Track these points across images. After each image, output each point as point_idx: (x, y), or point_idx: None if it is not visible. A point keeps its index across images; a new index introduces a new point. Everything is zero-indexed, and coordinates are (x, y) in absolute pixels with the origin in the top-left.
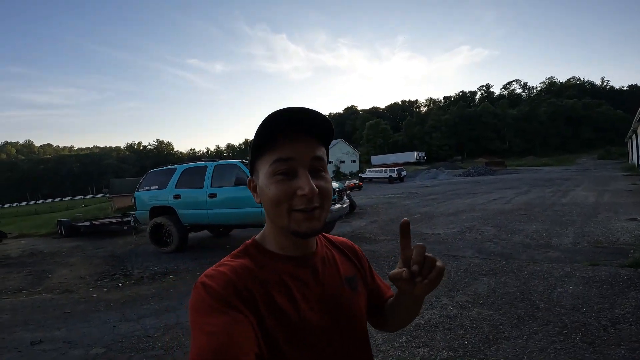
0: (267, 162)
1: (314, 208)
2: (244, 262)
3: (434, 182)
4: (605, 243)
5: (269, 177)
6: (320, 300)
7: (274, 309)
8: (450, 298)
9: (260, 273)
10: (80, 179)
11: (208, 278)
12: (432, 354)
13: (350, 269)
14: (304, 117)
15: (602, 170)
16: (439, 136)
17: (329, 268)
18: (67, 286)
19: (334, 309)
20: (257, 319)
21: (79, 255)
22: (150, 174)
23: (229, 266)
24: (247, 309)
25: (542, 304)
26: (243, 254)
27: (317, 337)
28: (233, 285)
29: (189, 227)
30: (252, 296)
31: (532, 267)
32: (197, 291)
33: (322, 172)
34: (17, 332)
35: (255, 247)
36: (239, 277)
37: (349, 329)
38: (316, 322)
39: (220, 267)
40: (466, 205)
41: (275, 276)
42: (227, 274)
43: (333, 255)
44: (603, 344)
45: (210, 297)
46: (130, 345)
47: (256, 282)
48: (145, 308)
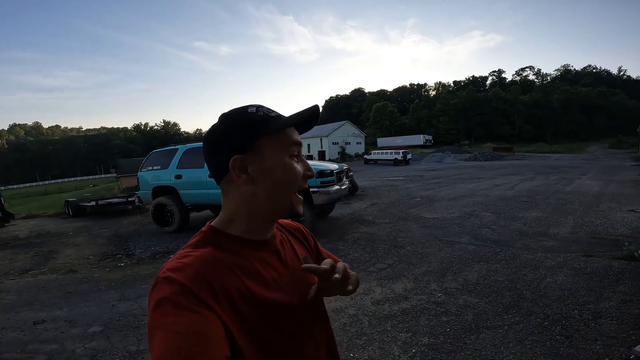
0: (285, 143)
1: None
2: (209, 250)
3: (439, 166)
4: (602, 234)
5: (289, 158)
6: (288, 281)
7: (248, 295)
8: (439, 284)
9: (228, 260)
10: (89, 159)
11: (172, 272)
12: (414, 340)
13: (302, 249)
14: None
15: (612, 160)
16: (447, 120)
17: (288, 250)
18: (71, 266)
19: (300, 288)
20: (231, 310)
21: (84, 235)
22: (153, 154)
23: (193, 257)
24: (219, 303)
25: (529, 294)
26: (204, 243)
27: (288, 318)
28: (203, 278)
29: (191, 207)
30: (224, 286)
31: (525, 256)
32: (161, 286)
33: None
34: (21, 312)
35: (214, 234)
36: (207, 268)
37: (312, 307)
38: (286, 303)
39: (184, 259)
40: (468, 190)
41: (245, 262)
42: (194, 265)
43: (287, 238)
44: (580, 337)
45: (176, 293)
46: (127, 324)
47: (227, 270)
48: (144, 287)
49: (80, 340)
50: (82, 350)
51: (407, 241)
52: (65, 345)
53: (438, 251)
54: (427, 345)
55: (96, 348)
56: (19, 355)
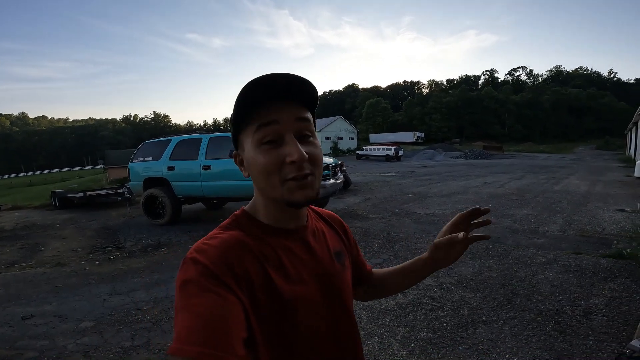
0: (251, 131)
1: (305, 175)
2: (236, 234)
3: (430, 163)
4: (591, 232)
5: (255, 148)
6: (312, 274)
7: (268, 285)
8: (434, 279)
9: (254, 246)
10: (76, 150)
11: (198, 253)
12: (413, 334)
13: (338, 243)
14: (289, 83)
15: (599, 161)
16: (439, 118)
17: (319, 242)
18: (59, 259)
19: (325, 283)
20: (250, 297)
21: (72, 228)
22: (144, 145)
23: (220, 239)
24: (240, 286)
25: (522, 289)
26: (234, 226)
27: (308, 312)
28: (226, 260)
29: (183, 199)
30: (246, 272)
31: (516, 253)
32: (187, 267)
33: (310, 137)
34: (9, 307)
35: (246, 218)
36: (232, 251)
37: (337, 303)
38: (308, 296)
39: (211, 241)
40: (460, 187)
41: (269, 249)
42: (219, 247)
43: (322, 229)
44: (573, 333)
45: (200, 274)
46: (120, 318)
47: (250, 256)
48: (136, 281)
49: (71, 335)
50: (74, 346)
51: (402, 236)
52: (56, 341)
53: None
54: (425, 340)
55: (88, 344)
56: (8, 351)
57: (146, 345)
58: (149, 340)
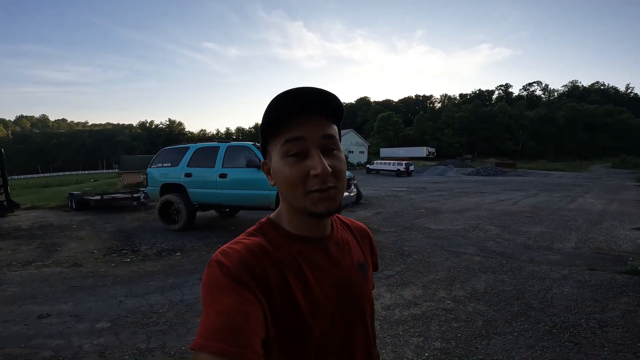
0: (278, 144)
1: (328, 188)
2: (259, 240)
3: (441, 179)
4: (606, 250)
5: (282, 159)
6: (332, 284)
7: (285, 291)
8: (448, 292)
9: (275, 253)
10: (92, 154)
11: (223, 256)
12: (426, 344)
13: (362, 255)
14: (314, 97)
15: (615, 179)
16: (451, 133)
17: (343, 252)
18: (75, 260)
19: (344, 293)
20: (268, 300)
21: (88, 229)
22: (163, 151)
23: (243, 244)
24: (260, 289)
25: (536, 303)
26: (258, 232)
27: (324, 320)
28: (247, 264)
29: (198, 206)
30: (266, 277)
31: (530, 268)
32: (212, 269)
33: (334, 151)
34: (25, 305)
35: (270, 226)
36: (254, 257)
37: (355, 313)
38: (325, 304)
39: (235, 245)
40: (472, 204)
41: (290, 257)
42: (241, 252)
43: (347, 239)
44: (589, 344)
45: (224, 276)
46: (136, 320)
47: (270, 262)
48: (151, 284)
49: (87, 336)
50: (90, 346)
51: (414, 250)
52: (71, 340)
53: (444, 260)
54: (439, 350)
55: (104, 344)
56: (23, 350)
57: (161, 348)
58: (164, 342)
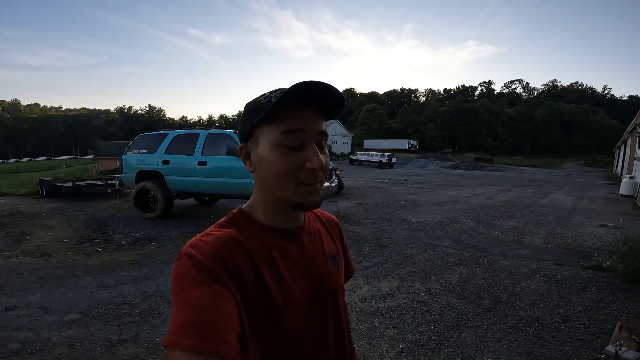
0: (274, 132)
1: (318, 182)
2: (231, 232)
3: (422, 172)
4: (573, 245)
5: (274, 148)
6: (304, 275)
7: (259, 283)
8: (423, 284)
9: (248, 244)
10: (66, 139)
11: (193, 248)
12: (401, 336)
13: (333, 246)
14: (326, 93)
15: (585, 177)
16: (434, 127)
17: (315, 243)
18: (45, 249)
19: (316, 284)
20: (242, 293)
21: (59, 217)
22: (140, 137)
23: (215, 236)
24: (233, 282)
25: (505, 297)
26: (230, 224)
27: (297, 311)
28: (220, 257)
29: (175, 194)
30: (239, 269)
31: (502, 262)
32: (182, 262)
33: (324, 148)
34: None
35: (242, 217)
36: (226, 248)
37: (328, 304)
38: (297, 296)
39: (206, 237)
40: (450, 197)
41: (263, 249)
42: (213, 244)
43: (319, 230)
44: (552, 339)
45: (195, 269)
46: (107, 312)
47: (243, 254)
48: (124, 275)
49: (56, 328)
50: (58, 338)
51: (392, 242)
52: (39, 332)
53: (421, 253)
54: (413, 342)
55: (74, 337)
56: None
57: (134, 339)
58: (137, 334)
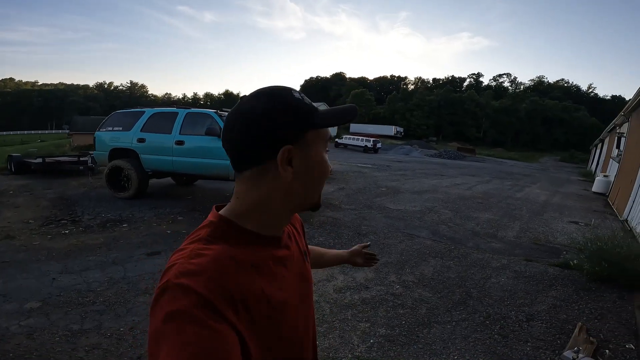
0: (323, 138)
1: None
2: (224, 249)
3: (406, 158)
4: (543, 241)
5: (325, 153)
6: (293, 278)
7: (262, 298)
8: (398, 276)
9: (245, 259)
10: (41, 113)
11: (187, 277)
12: (372, 330)
13: (302, 242)
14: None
15: (561, 172)
16: (420, 115)
17: (294, 244)
18: (8, 231)
19: (302, 285)
20: (247, 318)
21: (26, 196)
22: (115, 114)
23: (208, 257)
24: (236, 313)
25: (475, 292)
26: (218, 239)
27: (292, 314)
28: (222, 285)
29: (151, 173)
30: (243, 294)
31: (475, 255)
32: (173, 296)
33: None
34: None
35: (230, 228)
36: (226, 272)
37: (308, 301)
38: (291, 300)
39: (197, 259)
40: (431, 186)
41: (261, 261)
42: (211, 270)
43: (293, 231)
44: (515, 338)
45: (193, 306)
46: (69, 300)
47: (243, 272)
48: (91, 259)
49: (15, 317)
50: (17, 327)
51: (371, 230)
52: None
53: (399, 243)
54: (384, 337)
55: (33, 326)
56: None
57: (97, 329)
58: (100, 323)
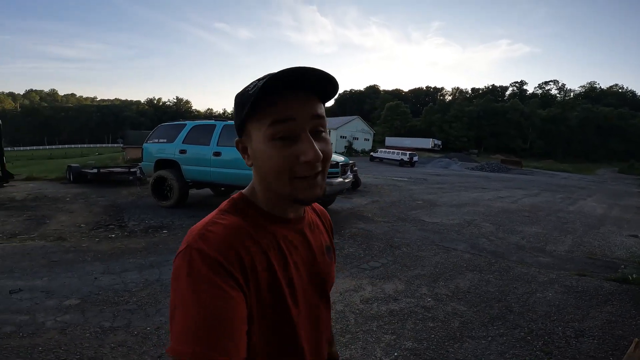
0: (264, 124)
1: (316, 174)
2: (238, 220)
3: (444, 172)
4: (599, 255)
5: (267, 141)
6: (305, 263)
7: (270, 273)
8: (430, 289)
9: (256, 234)
10: (99, 128)
11: (202, 241)
12: (397, 343)
13: (328, 238)
14: (309, 75)
15: (620, 184)
16: (459, 126)
17: (315, 234)
18: (61, 234)
19: (314, 272)
20: (254, 284)
21: (81, 202)
22: (160, 127)
23: (222, 225)
24: (245, 279)
25: (517, 307)
26: (234, 211)
27: (299, 297)
28: (232, 249)
29: (191, 183)
30: (252, 261)
31: (519, 269)
32: (190, 257)
33: (322, 133)
34: (0, 280)
35: (246, 203)
36: (237, 239)
37: (321, 291)
38: (300, 283)
39: (213, 227)
40: (471, 199)
41: (271, 238)
42: (225, 235)
43: (317, 222)
44: (560, 355)
45: (207, 267)
46: (106, 298)
47: (253, 244)
48: (131, 262)
49: (53, 312)
50: (53, 323)
51: (404, 242)
52: (36, 317)
53: (433, 256)
54: (409, 350)
55: (68, 322)
56: None
57: (126, 327)
58: (129, 322)
